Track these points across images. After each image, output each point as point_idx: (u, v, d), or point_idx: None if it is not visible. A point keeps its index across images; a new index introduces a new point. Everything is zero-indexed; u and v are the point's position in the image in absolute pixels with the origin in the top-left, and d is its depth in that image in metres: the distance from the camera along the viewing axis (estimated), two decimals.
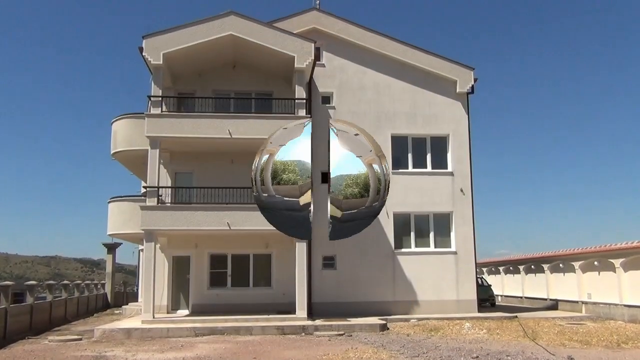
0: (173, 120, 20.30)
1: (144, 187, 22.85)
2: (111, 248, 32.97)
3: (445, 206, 23.36)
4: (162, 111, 20.61)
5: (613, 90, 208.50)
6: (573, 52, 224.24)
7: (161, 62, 20.33)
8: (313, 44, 21.14)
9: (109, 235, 25.57)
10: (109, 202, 24.70)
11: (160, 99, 20.56)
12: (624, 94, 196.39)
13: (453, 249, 23.18)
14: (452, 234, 23.31)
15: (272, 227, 5.99)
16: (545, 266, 28.41)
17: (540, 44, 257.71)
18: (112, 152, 23.80)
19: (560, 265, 27.01)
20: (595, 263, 24.11)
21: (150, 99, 20.59)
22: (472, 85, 24.05)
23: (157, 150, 20.05)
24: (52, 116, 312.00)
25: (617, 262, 22.38)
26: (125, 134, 23.24)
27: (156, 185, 19.88)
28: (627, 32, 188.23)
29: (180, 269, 22.10)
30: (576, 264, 25.41)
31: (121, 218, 23.94)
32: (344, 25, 24.00)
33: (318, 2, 25.13)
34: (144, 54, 20.34)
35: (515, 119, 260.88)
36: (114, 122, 23.77)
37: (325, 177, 24.15)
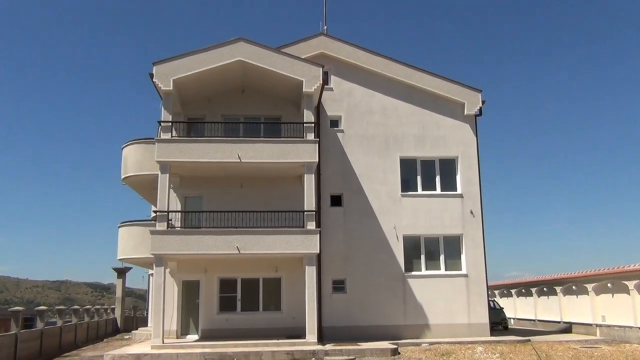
0: (183, 145, 20.47)
1: (153, 211, 22.95)
2: (121, 272, 33.00)
3: (455, 228, 23.24)
4: (172, 136, 20.78)
5: (626, 110, 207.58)
6: (582, 72, 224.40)
7: (171, 88, 20.57)
8: (321, 69, 21.32)
9: (119, 259, 25.65)
10: (119, 227, 24.83)
11: (170, 124, 20.75)
12: (638, 114, 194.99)
13: (464, 271, 23.00)
14: (463, 257, 23.15)
15: (281, 251, 5.87)
16: (558, 288, 28.07)
17: (549, 64, 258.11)
18: (122, 177, 23.99)
19: (573, 287, 26.69)
20: (609, 285, 23.80)
21: (160, 124, 20.79)
22: (480, 108, 24.11)
23: (167, 174, 20.18)
24: (63, 141, 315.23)
25: (630, 284, 22.07)
26: (135, 159, 23.44)
27: (166, 209, 19.96)
28: (637, 52, 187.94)
29: (189, 293, 22.06)
30: (589, 286, 25.09)
31: (131, 242, 24.04)
32: (352, 49, 24.21)
33: (325, 27, 25.46)
34: (154, 80, 20.61)
35: (525, 139, 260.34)
36: (124, 147, 24.01)
37: (335, 200, 24.44)
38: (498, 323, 27.24)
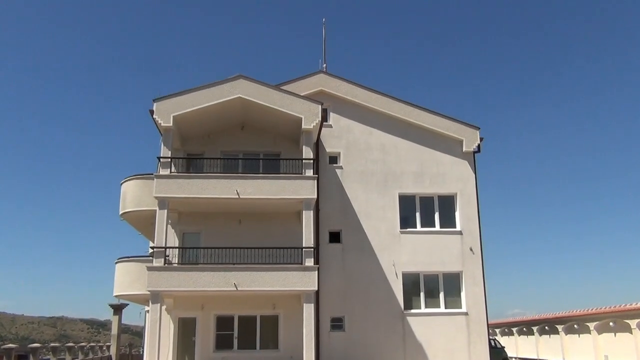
0: (181, 181, 20.49)
1: (151, 247, 22.82)
2: (117, 309, 32.51)
3: (455, 266, 23.08)
4: (171, 172, 20.83)
5: (627, 142, 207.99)
6: (581, 103, 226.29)
7: (171, 124, 20.71)
8: (320, 106, 21.50)
9: (115, 296, 25.34)
10: (116, 263, 24.59)
11: (169, 160, 20.83)
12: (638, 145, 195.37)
13: (464, 309, 22.73)
14: (463, 294, 22.92)
15: (279, 288, 5.83)
16: (560, 327, 27.74)
17: (547, 97, 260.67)
18: (121, 212, 23.91)
19: (575, 326, 26.39)
20: (611, 324, 23.54)
21: (159, 160, 20.87)
22: (479, 145, 24.25)
23: (165, 210, 20.14)
24: (60, 176, 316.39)
25: (633, 323, 21.84)
26: (134, 195, 23.39)
27: (163, 245, 19.86)
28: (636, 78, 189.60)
29: (186, 331, 21.74)
30: (591, 325, 24.81)
31: (128, 279, 23.77)
32: (350, 87, 24.49)
33: (325, 65, 25.86)
34: (154, 116, 20.77)
35: (525, 173, 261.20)
36: (123, 182, 24.00)
37: (334, 236, 24.33)
38: None
